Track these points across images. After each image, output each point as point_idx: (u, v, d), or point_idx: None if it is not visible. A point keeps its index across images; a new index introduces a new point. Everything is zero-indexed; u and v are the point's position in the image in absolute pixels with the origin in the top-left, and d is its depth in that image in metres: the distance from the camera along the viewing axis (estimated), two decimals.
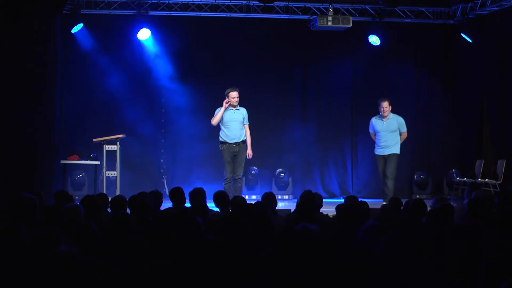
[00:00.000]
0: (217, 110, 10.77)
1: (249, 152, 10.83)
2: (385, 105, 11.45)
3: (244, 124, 10.76)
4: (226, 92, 10.73)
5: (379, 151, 11.55)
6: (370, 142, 13.56)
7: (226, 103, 10.63)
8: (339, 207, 6.71)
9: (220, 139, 10.73)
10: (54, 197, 7.23)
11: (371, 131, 11.74)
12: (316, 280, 4.06)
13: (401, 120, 11.55)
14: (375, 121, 11.60)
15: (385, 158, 11.46)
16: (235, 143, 10.65)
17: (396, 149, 11.45)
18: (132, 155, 12.57)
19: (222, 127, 10.70)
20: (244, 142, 10.74)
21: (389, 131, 11.44)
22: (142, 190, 7.38)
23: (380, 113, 11.49)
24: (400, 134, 11.52)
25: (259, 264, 4.12)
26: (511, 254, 3.95)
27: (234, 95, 10.66)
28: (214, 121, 10.72)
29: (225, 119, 10.66)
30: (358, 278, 4.33)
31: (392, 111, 13.95)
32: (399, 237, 4.49)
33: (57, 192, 7.54)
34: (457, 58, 13.55)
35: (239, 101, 10.74)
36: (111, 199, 7.07)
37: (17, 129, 10.06)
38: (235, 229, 4.98)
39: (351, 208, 6.23)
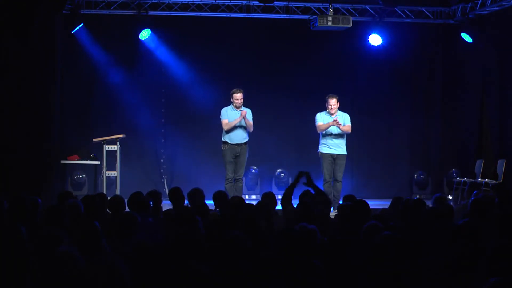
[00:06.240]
0: (223, 110, 10.74)
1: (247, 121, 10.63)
2: (333, 102, 10.66)
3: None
4: (230, 93, 10.73)
5: (326, 150, 10.74)
6: (369, 142, 13.59)
7: (242, 115, 10.57)
8: (340, 207, 6.73)
9: (223, 139, 10.72)
10: (58, 198, 7.23)
11: (320, 122, 10.76)
12: (316, 279, 4.06)
13: (347, 117, 10.83)
14: (323, 117, 10.74)
15: (334, 158, 10.73)
16: (237, 144, 10.65)
17: (345, 150, 10.79)
18: (132, 155, 12.59)
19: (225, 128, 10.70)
20: (246, 143, 10.73)
21: (338, 129, 10.73)
22: (142, 190, 7.38)
23: (327, 110, 10.75)
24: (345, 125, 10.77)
25: (259, 264, 4.12)
26: (511, 254, 3.95)
27: (238, 96, 10.64)
28: (226, 128, 10.67)
29: (229, 119, 10.65)
30: (357, 278, 4.33)
31: (393, 111, 13.98)
32: (394, 237, 4.49)
33: (61, 193, 7.54)
34: (457, 58, 13.55)
35: (243, 101, 10.74)
36: (109, 199, 7.07)
37: (17, 129, 10.06)
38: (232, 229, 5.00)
39: (353, 208, 6.24)
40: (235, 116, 10.66)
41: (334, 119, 10.64)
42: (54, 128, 11.00)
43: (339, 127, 10.65)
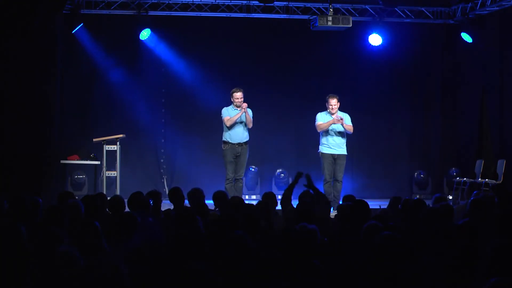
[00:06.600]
0: (224, 109, 10.72)
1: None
2: (334, 102, 10.62)
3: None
4: (230, 92, 10.71)
5: (326, 150, 10.70)
6: (369, 142, 13.58)
7: (244, 108, 10.56)
8: (340, 207, 6.73)
9: (224, 139, 10.70)
10: (58, 198, 7.23)
11: (319, 122, 10.72)
12: (316, 279, 4.06)
13: (347, 117, 10.77)
14: (324, 117, 10.73)
15: (335, 158, 10.70)
16: (238, 143, 10.63)
17: (345, 150, 10.76)
18: (132, 155, 12.60)
19: (225, 127, 10.69)
20: (246, 143, 10.72)
21: (338, 129, 10.69)
22: (142, 190, 7.39)
23: (328, 110, 10.71)
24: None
25: (259, 264, 4.12)
26: (511, 254, 3.95)
27: (238, 95, 10.63)
28: (229, 123, 10.65)
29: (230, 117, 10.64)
30: (357, 278, 4.33)
31: (393, 111, 13.98)
32: (394, 237, 4.49)
33: (61, 193, 7.55)
34: (457, 58, 13.56)
35: (243, 101, 10.72)
36: (109, 199, 7.07)
37: (17, 129, 10.07)
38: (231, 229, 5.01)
39: (353, 208, 6.24)
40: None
41: (334, 117, 10.63)
42: (54, 128, 11.00)
43: (342, 125, 10.63)
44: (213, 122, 11.69)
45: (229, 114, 10.64)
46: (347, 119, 10.80)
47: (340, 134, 10.76)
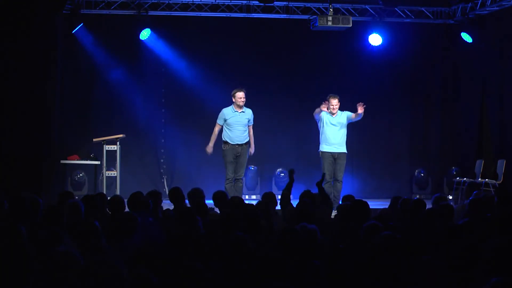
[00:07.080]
0: (221, 113, 10.71)
1: (252, 150, 10.77)
2: (335, 103, 10.64)
3: (248, 125, 10.73)
4: (232, 93, 10.69)
5: (327, 149, 10.69)
6: (369, 142, 13.59)
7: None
8: (340, 207, 6.73)
9: (223, 139, 10.70)
10: (59, 198, 7.23)
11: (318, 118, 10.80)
12: (316, 279, 4.06)
13: (349, 114, 10.78)
14: (325, 116, 10.74)
15: (335, 158, 10.71)
16: (238, 144, 10.64)
17: (345, 148, 10.74)
18: (132, 155, 12.60)
19: (225, 128, 10.69)
20: (247, 143, 10.72)
21: (339, 127, 10.74)
22: (142, 190, 7.39)
23: (329, 110, 10.71)
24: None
25: (259, 264, 4.12)
26: (510, 254, 3.95)
27: (240, 95, 10.62)
28: (213, 134, 10.76)
29: (229, 120, 10.64)
30: (357, 278, 4.33)
31: (393, 110, 13.97)
32: (394, 237, 4.50)
33: (61, 193, 7.55)
34: (457, 58, 13.56)
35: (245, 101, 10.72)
36: (109, 199, 7.07)
37: (17, 129, 10.08)
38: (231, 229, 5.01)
39: (352, 208, 6.24)
40: (236, 119, 10.63)
41: (323, 105, 10.62)
42: (54, 128, 11.01)
43: (359, 110, 10.59)
44: (213, 122, 11.66)
45: (226, 119, 10.62)
46: (348, 115, 10.80)
47: (340, 133, 10.76)
